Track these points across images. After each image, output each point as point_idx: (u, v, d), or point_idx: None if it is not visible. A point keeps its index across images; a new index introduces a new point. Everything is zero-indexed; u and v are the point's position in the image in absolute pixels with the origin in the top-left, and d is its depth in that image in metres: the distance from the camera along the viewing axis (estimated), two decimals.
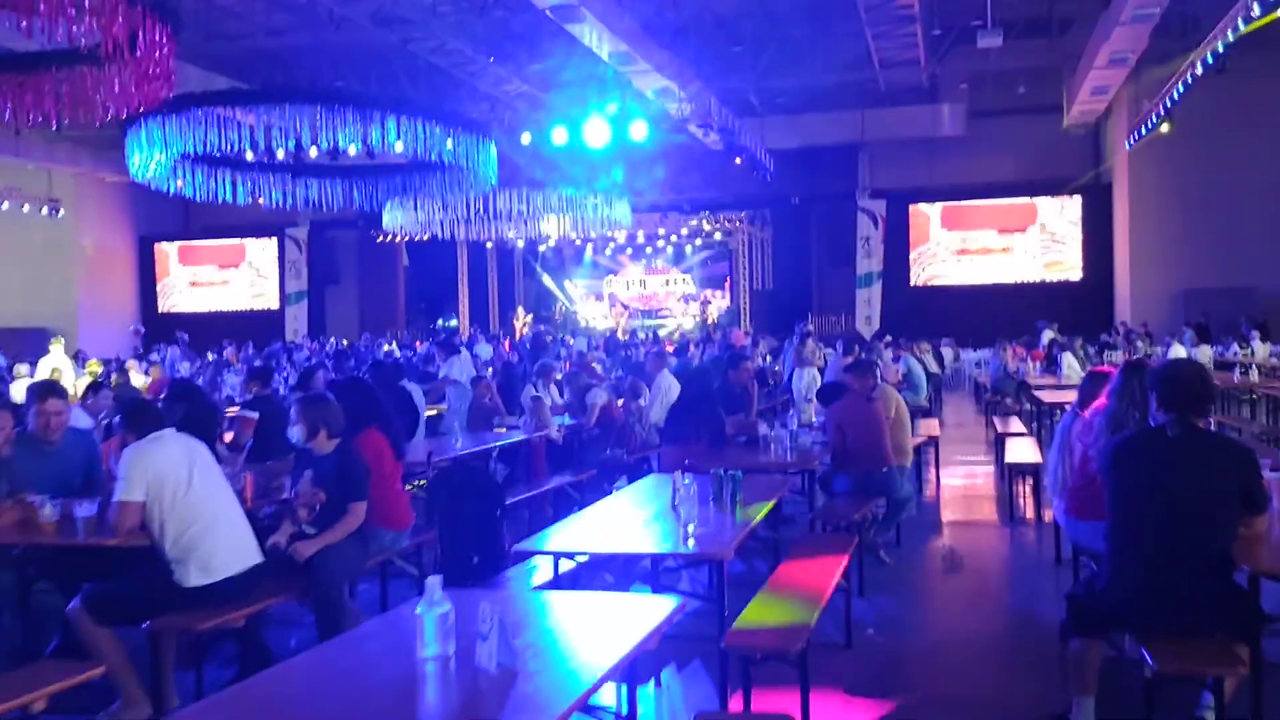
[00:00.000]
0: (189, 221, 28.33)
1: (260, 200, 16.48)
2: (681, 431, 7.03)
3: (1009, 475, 8.19)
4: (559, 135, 16.04)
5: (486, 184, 15.27)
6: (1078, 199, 23.08)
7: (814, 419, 7.78)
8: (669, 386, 8.90)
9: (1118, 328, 19.14)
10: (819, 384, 9.48)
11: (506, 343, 20.42)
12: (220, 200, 15.35)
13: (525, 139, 16.39)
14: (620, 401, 8.60)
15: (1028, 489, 8.29)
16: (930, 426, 10.14)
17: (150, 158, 13.32)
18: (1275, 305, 18.82)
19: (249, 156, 16.59)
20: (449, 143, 13.68)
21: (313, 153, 16.70)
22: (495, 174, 15.08)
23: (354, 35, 17.38)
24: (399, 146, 14.19)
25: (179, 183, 15.30)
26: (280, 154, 16.88)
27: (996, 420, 11.03)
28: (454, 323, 20.83)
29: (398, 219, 19.54)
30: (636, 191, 20.68)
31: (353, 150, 16.09)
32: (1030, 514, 8.07)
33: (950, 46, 19.58)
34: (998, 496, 8.92)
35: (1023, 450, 8.56)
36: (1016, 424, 10.52)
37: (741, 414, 8.31)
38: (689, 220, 26.37)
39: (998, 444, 9.92)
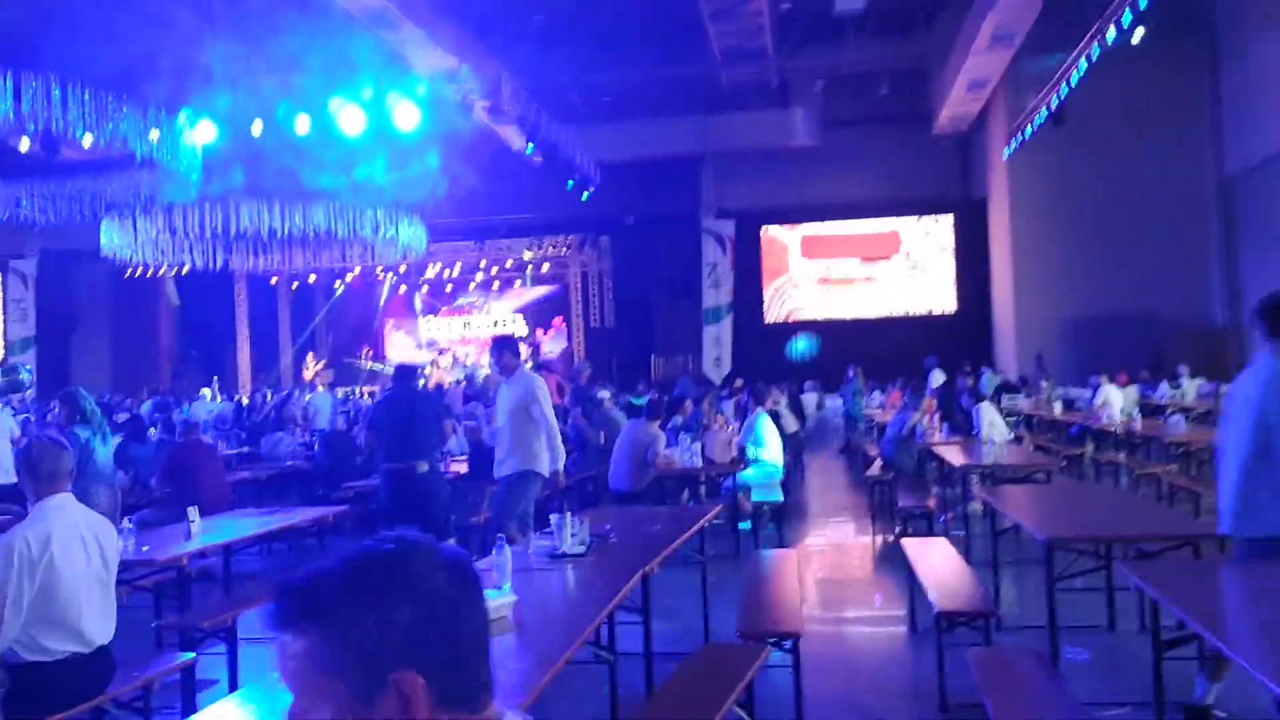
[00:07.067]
0: None
1: None
2: None
3: None
4: (301, 124, 12.11)
5: (187, 186, 11.20)
6: (947, 220, 20.41)
7: None
8: None
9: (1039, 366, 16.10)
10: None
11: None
12: None
13: (256, 129, 12.30)
14: None
15: None
16: (802, 566, 5.70)
17: None
18: (1180, 334, 16.22)
19: None
20: (111, 124, 9.63)
21: None
22: (198, 172, 11.05)
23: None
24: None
25: None
26: None
27: (911, 546, 5.52)
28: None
29: (114, 242, 15.12)
30: (432, 209, 16.79)
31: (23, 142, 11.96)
32: None
33: (803, 35, 16.56)
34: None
35: None
36: (942, 552, 5.34)
37: None
38: (514, 249, 22.81)
39: (912, 598, 5.46)
